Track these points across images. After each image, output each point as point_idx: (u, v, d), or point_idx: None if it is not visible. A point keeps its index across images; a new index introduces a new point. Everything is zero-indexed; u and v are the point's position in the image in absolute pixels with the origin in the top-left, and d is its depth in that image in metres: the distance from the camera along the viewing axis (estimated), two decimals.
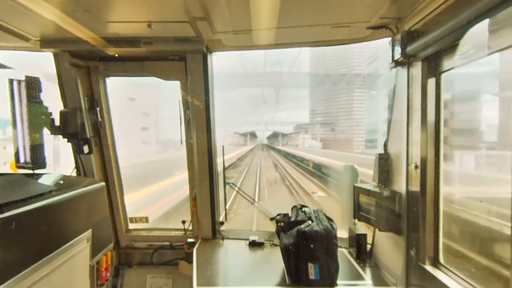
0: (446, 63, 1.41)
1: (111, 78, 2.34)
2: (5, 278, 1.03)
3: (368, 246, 2.08)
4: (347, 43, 1.96)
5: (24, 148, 1.87)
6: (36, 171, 1.87)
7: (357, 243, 2.05)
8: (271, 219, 2.16)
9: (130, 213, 2.63)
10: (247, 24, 1.69)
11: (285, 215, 2.06)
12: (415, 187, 1.57)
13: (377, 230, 1.96)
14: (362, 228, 2.11)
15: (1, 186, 1.42)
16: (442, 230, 1.51)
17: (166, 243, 2.52)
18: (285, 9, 1.50)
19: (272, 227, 2.15)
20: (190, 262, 2.29)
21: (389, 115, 1.89)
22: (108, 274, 1.88)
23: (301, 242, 1.67)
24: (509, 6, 0.96)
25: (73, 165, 2.34)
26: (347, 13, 1.59)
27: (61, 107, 2.19)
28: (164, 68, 2.21)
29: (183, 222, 2.47)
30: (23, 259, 1.14)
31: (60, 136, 2.15)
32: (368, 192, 1.86)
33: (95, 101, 2.27)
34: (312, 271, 1.66)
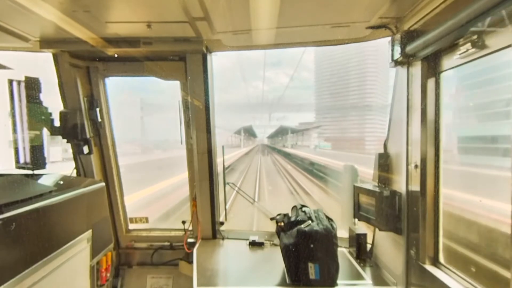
0: (446, 63, 1.41)
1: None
2: (5, 278, 1.03)
3: (368, 246, 2.08)
4: (347, 43, 1.96)
5: (24, 148, 1.87)
6: (36, 172, 1.86)
7: (357, 242, 2.05)
8: (271, 219, 2.16)
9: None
10: (247, 24, 1.69)
11: (285, 215, 2.06)
12: (415, 186, 1.57)
13: (377, 229, 1.96)
14: (362, 227, 2.11)
15: (1, 187, 1.42)
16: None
17: (166, 243, 2.52)
18: (285, 9, 1.50)
19: (272, 227, 2.15)
20: (190, 262, 2.29)
21: (389, 114, 1.89)
22: (108, 275, 1.88)
23: (301, 242, 1.67)
24: (509, 6, 0.96)
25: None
26: (346, 13, 1.59)
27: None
28: (164, 68, 2.21)
29: (183, 222, 2.47)
30: (23, 260, 1.14)
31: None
32: (368, 192, 1.87)
33: (95, 101, 2.27)
34: (312, 271, 1.66)
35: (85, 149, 2.22)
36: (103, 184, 1.86)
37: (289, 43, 2.05)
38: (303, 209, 1.97)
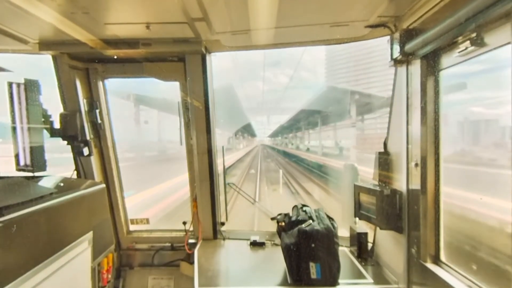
0: (445, 61, 1.41)
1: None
2: (6, 280, 1.03)
3: (369, 245, 2.08)
4: (346, 42, 1.96)
5: (24, 150, 1.87)
6: (36, 174, 1.87)
7: (358, 241, 2.05)
8: (272, 218, 2.16)
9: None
10: (246, 24, 1.69)
11: (286, 214, 2.06)
12: (416, 185, 1.57)
13: (378, 228, 1.96)
14: (363, 226, 2.11)
15: (2, 189, 1.42)
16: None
17: (167, 244, 2.52)
18: (284, 8, 1.50)
19: (273, 227, 2.15)
20: (191, 263, 2.29)
21: (389, 113, 1.89)
22: (110, 276, 1.89)
23: (302, 241, 1.67)
24: (507, 3, 0.96)
25: None
26: (345, 12, 1.59)
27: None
28: (163, 69, 2.21)
29: (184, 223, 2.47)
30: (24, 262, 1.14)
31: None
32: (368, 191, 1.86)
33: (95, 102, 2.27)
34: (313, 270, 1.66)
35: (85, 151, 2.22)
36: (104, 185, 1.86)
37: (288, 42, 2.05)
38: (304, 208, 1.97)
